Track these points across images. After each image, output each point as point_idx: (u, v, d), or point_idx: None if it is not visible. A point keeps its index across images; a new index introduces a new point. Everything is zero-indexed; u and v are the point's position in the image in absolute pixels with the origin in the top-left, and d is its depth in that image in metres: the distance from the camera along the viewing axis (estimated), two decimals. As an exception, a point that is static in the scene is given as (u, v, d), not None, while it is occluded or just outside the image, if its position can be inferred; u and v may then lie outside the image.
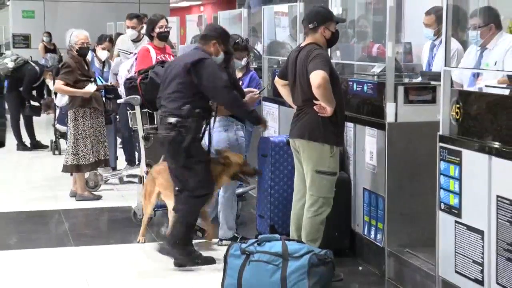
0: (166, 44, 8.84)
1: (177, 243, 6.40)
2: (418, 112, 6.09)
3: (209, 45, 6.45)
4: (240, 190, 7.67)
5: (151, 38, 8.59)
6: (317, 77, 5.76)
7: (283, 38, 9.24)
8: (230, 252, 5.78)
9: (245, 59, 7.51)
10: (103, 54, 10.90)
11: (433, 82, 6.19)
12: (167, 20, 8.74)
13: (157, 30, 8.47)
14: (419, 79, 6.90)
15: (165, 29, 8.55)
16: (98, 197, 8.99)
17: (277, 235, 6.03)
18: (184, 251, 6.42)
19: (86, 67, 8.80)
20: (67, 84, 8.50)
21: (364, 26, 7.86)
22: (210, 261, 6.50)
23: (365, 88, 6.54)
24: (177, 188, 6.61)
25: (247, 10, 9.45)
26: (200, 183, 6.36)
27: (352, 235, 6.64)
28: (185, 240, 6.44)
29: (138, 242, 7.16)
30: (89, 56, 9.79)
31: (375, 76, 6.79)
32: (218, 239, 7.04)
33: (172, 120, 6.24)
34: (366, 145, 6.37)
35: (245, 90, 7.09)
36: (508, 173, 4.71)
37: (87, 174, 9.18)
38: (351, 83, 6.72)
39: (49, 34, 18.45)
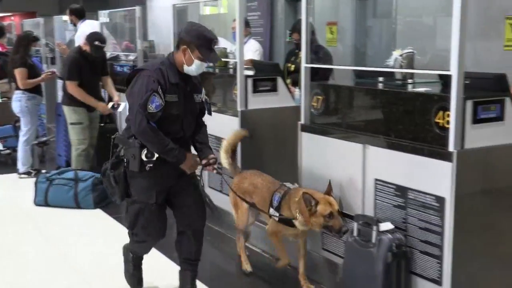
0: None
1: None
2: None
3: None
4: (44, 138, 7.23)
5: None
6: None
7: (70, 37, 8.84)
8: (38, 180, 5.50)
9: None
10: None
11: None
12: None
13: None
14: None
15: None
16: None
17: (70, 168, 5.80)
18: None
19: None
20: None
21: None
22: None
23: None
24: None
25: (43, 19, 9.00)
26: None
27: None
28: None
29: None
30: None
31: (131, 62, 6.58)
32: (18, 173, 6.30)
33: None
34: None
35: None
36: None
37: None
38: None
39: None
